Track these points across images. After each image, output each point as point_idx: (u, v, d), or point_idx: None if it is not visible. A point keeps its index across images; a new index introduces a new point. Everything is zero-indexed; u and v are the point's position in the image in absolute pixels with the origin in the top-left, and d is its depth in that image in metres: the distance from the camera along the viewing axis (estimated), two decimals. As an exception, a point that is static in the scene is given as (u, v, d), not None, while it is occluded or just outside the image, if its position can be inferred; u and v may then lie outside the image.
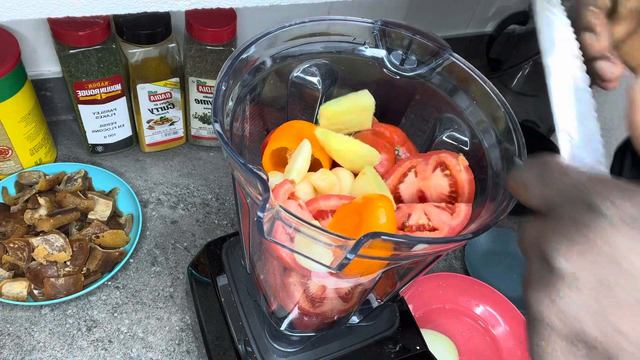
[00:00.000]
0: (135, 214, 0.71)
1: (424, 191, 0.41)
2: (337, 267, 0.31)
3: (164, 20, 0.66)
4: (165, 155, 0.82)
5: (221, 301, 0.54)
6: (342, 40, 0.45)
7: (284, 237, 0.32)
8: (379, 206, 0.34)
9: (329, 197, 0.38)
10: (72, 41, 0.62)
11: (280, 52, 0.43)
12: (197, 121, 0.80)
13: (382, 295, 0.48)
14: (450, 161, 0.40)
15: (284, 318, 0.47)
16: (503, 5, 1.02)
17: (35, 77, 0.75)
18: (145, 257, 0.70)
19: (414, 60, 0.44)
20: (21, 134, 0.69)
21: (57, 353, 0.60)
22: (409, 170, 0.42)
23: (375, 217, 0.34)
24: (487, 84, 0.42)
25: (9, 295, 0.61)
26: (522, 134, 0.39)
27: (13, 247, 0.62)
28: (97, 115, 0.73)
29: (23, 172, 0.71)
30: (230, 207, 0.77)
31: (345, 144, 0.41)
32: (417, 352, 0.54)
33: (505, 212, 0.35)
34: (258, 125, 0.47)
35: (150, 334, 0.63)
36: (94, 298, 0.65)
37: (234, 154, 0.33)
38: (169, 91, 0.73)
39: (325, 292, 0.42)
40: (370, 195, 0.36)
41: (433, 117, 0.46)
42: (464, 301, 0.72)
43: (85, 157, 0.79)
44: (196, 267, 0.59)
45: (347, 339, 0.52)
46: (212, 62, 0.70)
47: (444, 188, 0.40)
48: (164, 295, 0.66)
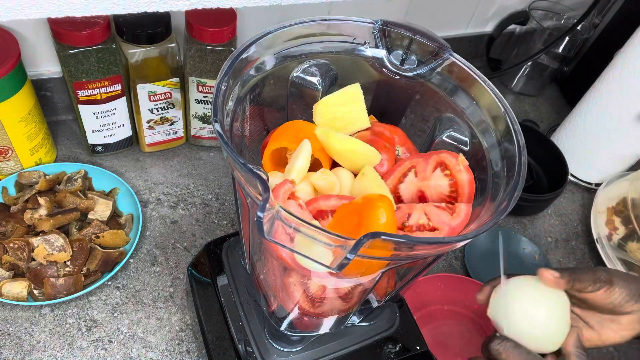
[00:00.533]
0: (135, 214, 0.71)
1: (424, 191, 0.41)
2: (337, 267, 0.31)
3: (164, 20, 0.66)
4: (165, 155, 0.82)
5: (221, 301, 0.54)
6: (342, 40, 0.45)
7: (284, 237, 0.32)
8: (379, 206, 0.34)
9: (329, 197, 0.39)
10: (72, 41, 0.62)
11: (280, 52, 0.43)
12: (197, 121, 0.80)
13: (382, 296, 0.48)
14: (450, 161, 0.40)
15: (284, 318, 0.47)
16: (503, 5, 1.02)
17: (35, 77, 0.75)
18: (145, 257, 0.70)
19: (414, 60, 0.44)
20: (21, 134, 0.69)
21: (57, 353, 0.60)
22: (409, 170, 0.42)
23: (375, 217, 0.34)
24: (487, 84, 0.42)
25: (9, 295, 0.61)
26: (522, 134, 0.39)
27: (13, 247, 0.63)
28: (97, 115, 0.73)
29: (23, 172, 0.71)
30: (230, 207, 0.77)
31: (345, 144, 0.41)
32: (417, 352, 0.54)
33: (505, 212, 0.35)
34: (258, 125, 0.47)
35: (150, 334, 0.63)
36: (94, 298, 0.65)
37: (234, 154, 0.33)
38: (169, 91, 0.73)
39: (325, 292, 0.42)
40: (370, 195, 0.36)
41: (433, 117, 0.46)
42: (463, 302, 0.72)
43: (85, 157, 0.79)
44: (196, 267, 0.59)
45: (347, 339, 0.52)
46: (212, 62, 0.70)
47: (444, 188, 0.40)
48: (164, 295, 0.66)
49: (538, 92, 1.11)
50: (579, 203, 0.91)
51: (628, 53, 0.78)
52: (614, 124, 0.83)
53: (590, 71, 0.89)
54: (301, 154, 0.39)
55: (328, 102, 0.44)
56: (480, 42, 1.08)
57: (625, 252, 0.78)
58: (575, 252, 0.83)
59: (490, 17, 1.05)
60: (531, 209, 0.85)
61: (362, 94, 0.43)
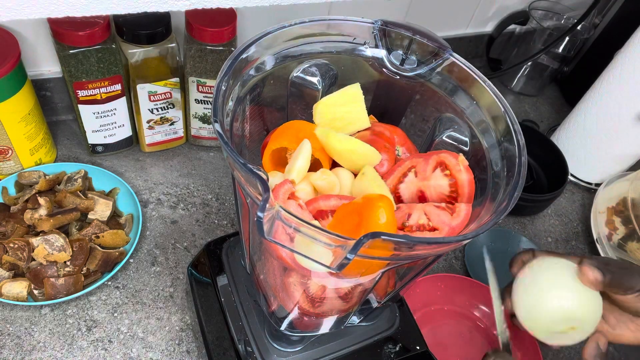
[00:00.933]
0: (135, 214, 0.71)
1: (424, 191, 0.41)
2: (337, 267, 0.31)
3: (164, 20, 0.66)
4: (165, 155, 0.82)
5: (221, 301, 0.54)
6: (342, 40, 0.45)
7: (284, 237, 0.32)
8: (379, 206, 0.34)
9: (329, 197, 0.38)
10: (72, 41, 0.62)
11: (280, 52, 0.43)
12: (197, 121, 0.80)
13: (382, 296, 0.48)
14: (450, 161, 0.40)
15: (284, 318, 0.47)
16: (503, 5, 1.02)
17: (35, 77, 0.75)
18: (145, 257, 0.70)
19: (414, 60, 0.44)
20: (21, 134, 0.69)
21: (57, 353, 0.60)
22: (409, 170, 0.42)
23: (375, 217, 0.34)
24: (487, 84, 0.42)
25: (9, 295, 0.61)
26: (522, 134, 0.39)
27: (13, 247, 0.63)
28: (97, 115, 0.73)
29: (23, 172, 0.71)
30: (230, 207, 0.77)
31: (345, 144, 0.41)
32: (417, 352, 0.54)
33: (505, 212, 0.35)
34: (258, 125, 0.47)
35: (150, 334, 0.63)
36: (94, 298, 0.65)
37: (234, 154, 0.33)
38: (169, 91, 0.73)
39: (325, 292, 0.42)
40: (370, 195, 0.36)
41: (433, 117, 0.46)
42: (463, 302, 0.72)
43: (85, 157, 0.79)
44: (196, 267, 0.59)
45: (347, 339, 0.52)
46: (212, 62, 0.70)
47: (444, 188, 0.40)
48: (164, 295, 0.66)
49: (538, 92, 1.11)
50: (579, 203, 0.91)
51: (628, 53, 0.78)
52: (614, 124, 0.83)
53: (590, 71, 0.89)
54: (301, 154, 0.39)
55: (328, 102, 0.44)
56: (480, 42, 1.08)
57: (625, 252, 0.78)
58: (575, 252, 0.83)
59: (490, 17, 1.05)
60: (531, 209, 0.85)
61: (362, 94, 0.43)
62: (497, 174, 0.39)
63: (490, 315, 0.71)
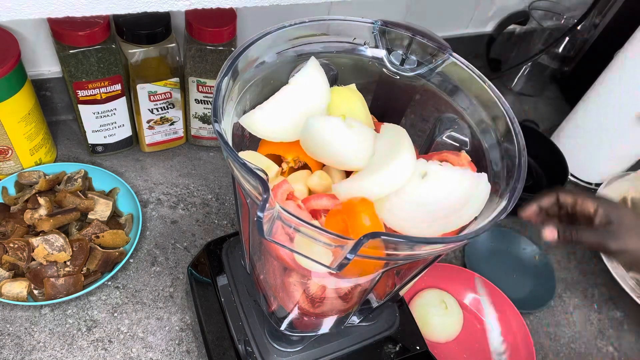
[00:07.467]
0: (135, 214, 0.71)
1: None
2: (337, 267, 0.31)
3: (164, 20, 0.66)
4: (165, 155, 0.82)
5: (221, 301, 0.54)
6: (342, 40, 0.45)
7: (284, 237, 0.32)
8: (360, 211, 0.35)
9: (321, 197, 0.39)
10: (72, 41, 0.62)
11: (280, 52, 0.43)
12: (197, 121, 0.80)
13: (382, 296, 0.48)
14: (453, 159, 0.40)
15: (284, 318, 0.47)
16: (503, 5, 1.02)
17: (35, 77, 0.75)
18: (145, 257, 0.70)
19: (414, 60, 0.44)
20: (21, 134, 0.69)
21: (57, 353, 0.60)
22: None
23: (359, 223, 0.34)
24: (487, 84, 0.42)
25: (9, 295, 0.61)
26: (522, 134, 0.39)
27: (13, 247, 0.62)
28: (97, 115, 0.73)
29: (23, 172, 0.71)
30: (230, 207, 0.77)
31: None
32: (417, 352, 0.54)
33: (505, 212, 0.35)
34: (258, 125, 0.47)
35: (150, 334, 0.63)
36: (94, 298, 0.65)
37: (234, 154, 0.33)
38: (169, 91, 0.73)
39: (325, 292, 0.42)
40: (351, 201, 0.36)
41: (433, 117, 0.46)
42: (454, 289, 0.72)
43: (85, 157, 0.79)
44: (196, 267, 0.59)
45: (347, 339, 0.52)
46: (212, 62, 0.70)
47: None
48: (164, 295, 0.66)
49: (538, 92, 1.11)
50: (579, 203, 0.91)
51: (628, 53, 0.78)
52: (614, 124, 0.83)
53: (590, 71, 0.89)
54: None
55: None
56: (480, 42, 1.08)
57: (625, 252, 0.78)
58: (575, 252, 0.83)
59: (490, 17, 1.05)
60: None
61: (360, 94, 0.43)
62: (497, 174, 0.39)
63: (479, 302, 0.72)
